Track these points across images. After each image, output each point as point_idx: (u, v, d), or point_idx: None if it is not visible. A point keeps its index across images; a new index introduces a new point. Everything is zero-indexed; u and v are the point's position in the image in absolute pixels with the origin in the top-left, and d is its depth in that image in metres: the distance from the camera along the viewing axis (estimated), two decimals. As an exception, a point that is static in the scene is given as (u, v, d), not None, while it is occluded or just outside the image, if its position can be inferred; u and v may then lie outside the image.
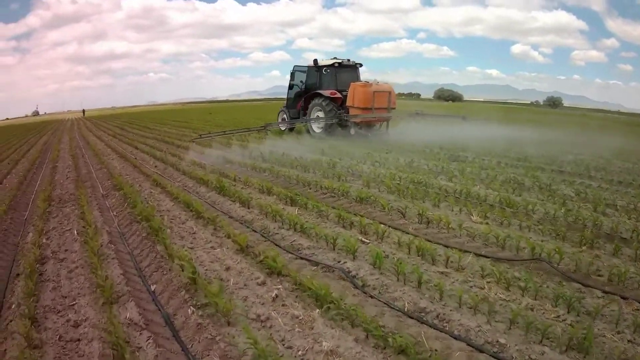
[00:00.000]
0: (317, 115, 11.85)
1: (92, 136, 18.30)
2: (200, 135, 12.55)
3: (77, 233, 4.12)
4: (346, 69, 12.41)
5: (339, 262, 3.24)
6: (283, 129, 13.32)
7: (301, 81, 12.88)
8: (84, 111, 62.22)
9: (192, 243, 3.79)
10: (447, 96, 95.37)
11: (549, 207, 4.43)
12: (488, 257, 3.26)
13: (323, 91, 11.88)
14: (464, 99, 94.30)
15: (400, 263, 2.92)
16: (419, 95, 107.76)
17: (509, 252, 3.37)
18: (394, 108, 12.05)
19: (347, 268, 3.10)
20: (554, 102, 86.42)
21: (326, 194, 5.39)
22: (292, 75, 13.18)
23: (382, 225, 3.88)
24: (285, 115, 13.33)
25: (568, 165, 7.63)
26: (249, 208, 4.80)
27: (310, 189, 5.68)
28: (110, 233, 4.14)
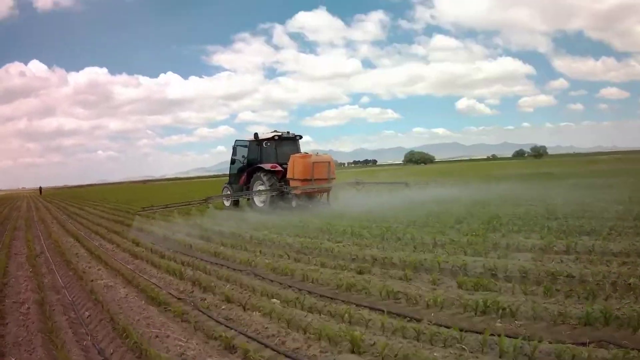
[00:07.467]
0: (259, 189, 11.67)
1: (72, 241, 9.02)
2: (144, 208, 12.80)
3: None
4: (286, 142, 12.35)
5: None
6: (227, 204, 13.18)
7: (243, 156, 12.67)
8: (40, 189, 59.39)
9: None
10: (418, 159, 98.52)
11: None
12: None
13: (264, 165, 11.71)
14: (435, 160, 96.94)
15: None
16: (375, 161, 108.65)
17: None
18: (334, 178, 12.03)
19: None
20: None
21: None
22: (234, 150, 12.98)
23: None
24: (229, 192, 13.12)
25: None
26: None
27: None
28: None
